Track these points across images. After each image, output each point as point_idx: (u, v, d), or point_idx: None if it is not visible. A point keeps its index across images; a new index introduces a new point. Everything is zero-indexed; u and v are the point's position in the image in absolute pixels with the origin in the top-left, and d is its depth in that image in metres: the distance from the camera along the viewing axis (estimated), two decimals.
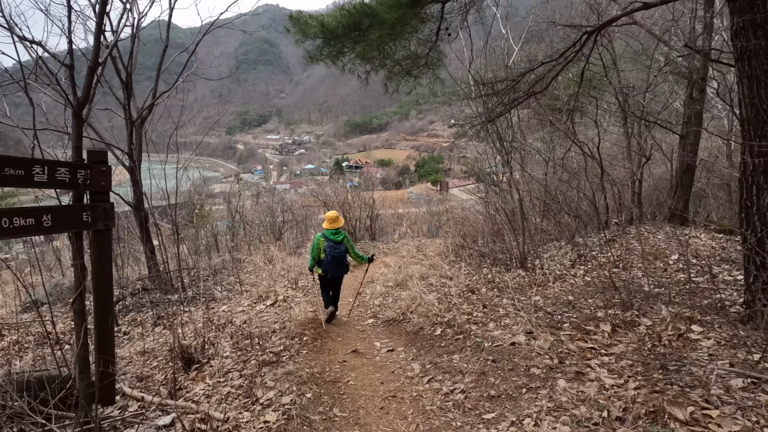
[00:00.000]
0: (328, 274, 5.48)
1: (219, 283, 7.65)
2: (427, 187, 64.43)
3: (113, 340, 2.87)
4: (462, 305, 5.08)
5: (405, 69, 6.48)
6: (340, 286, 5.93)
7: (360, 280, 8.25)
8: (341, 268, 5.52)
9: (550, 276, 6.60)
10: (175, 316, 5.98)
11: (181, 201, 12.39)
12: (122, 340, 5.37)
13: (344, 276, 5.85)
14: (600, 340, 3.78)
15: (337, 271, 5.51)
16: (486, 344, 3.74)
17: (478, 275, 7.11)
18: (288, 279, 7.53)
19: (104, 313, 2.78)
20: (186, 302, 6.54)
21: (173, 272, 7.28)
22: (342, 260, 5.46)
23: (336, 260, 5.40)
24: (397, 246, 14.18)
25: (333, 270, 5.45)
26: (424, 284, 6.56)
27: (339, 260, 5.42)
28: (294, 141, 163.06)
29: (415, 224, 18.74)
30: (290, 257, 9.53)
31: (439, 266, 7.89)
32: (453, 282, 6.61)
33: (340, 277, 5.72)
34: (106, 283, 2.79)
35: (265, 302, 6.48)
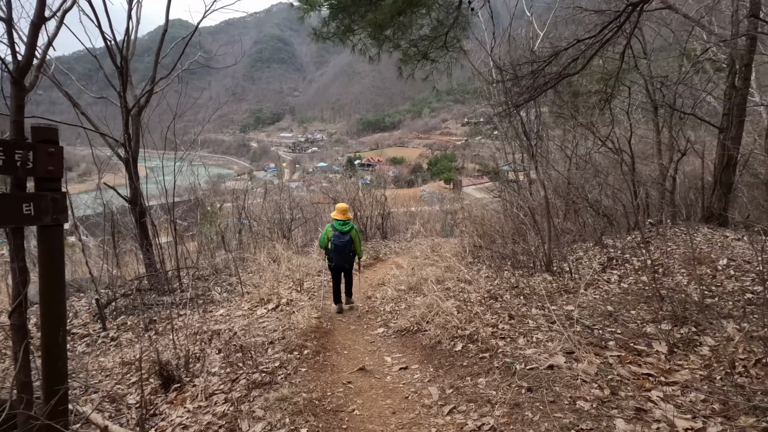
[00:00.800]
0: (332, 263, 5.81)
1: (220, 283, 7.16)
2: (440, 186, 63.63)
3: (65, 360, 2.34)
4: (485, 315, 4.47)
5: (421, 51, 5.88)
6: (351, 277, 6.14)
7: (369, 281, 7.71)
8: (344, 259, 5.72)
9: (580, 281, 5.93)
10: (168, 321, 5.50)
11: (189, 198, 12.03)
12: (108, 346, 4.90)
13: (351, 270, 6.06)
14: (656, 363, 3.14)
15: (340, 261, 5.73)
16: (518, 366, 3.13)
17: (500, 279, 6.48)
18: (293, 280, 7.01)
19: (53, 327, 2.25)
20: (182, 305, 6.06)
21: (171, 272, 6.82)
22: (345, 250, 5.66)
23: (339, 249, 5.62)
24: (409, 245, 13.59)
25: (336, 260, 5.72)
26: (441, 289, 5.96)
27: (342, 250, 5.63)
28: (307, 139, 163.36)
29: (428, 223, 18.10)
30: (297, 256, 9.01)
31: (455, 268, 7.27)
32: (472, 287, 5.99)
33: (344, 267, 5.88)
34: (56, 288, 2.27)
35: (267, 306, 5.96)
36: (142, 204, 6.88)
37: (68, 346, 4.86)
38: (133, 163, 6.72)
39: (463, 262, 8.12)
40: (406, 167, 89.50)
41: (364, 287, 7.38)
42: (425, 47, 5.76)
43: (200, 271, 7.58)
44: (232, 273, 7.65)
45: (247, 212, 10.59)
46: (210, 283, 6.69)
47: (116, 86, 6.55)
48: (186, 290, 6.69)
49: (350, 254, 5.75)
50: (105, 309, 5.65)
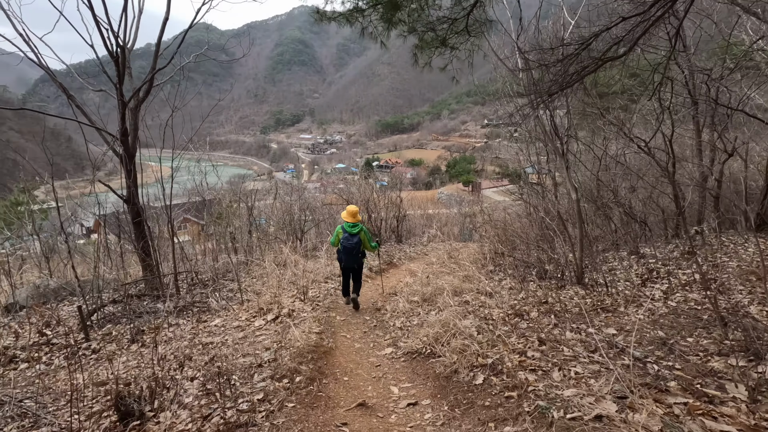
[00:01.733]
0: (341, 263, 5.94)
1: (220, 289, 6.69)
2: (458, 188, 62.62)
3: None
4: (510, 338, 3.81)
5: (439, 37, 5.26)
6: (359, 276, 6.22)
7: (380, 289, 7.11)
8: (353, 259, 5.83)
9: (618, 297, 5.19)
10: (157, 331, 5.02)
11: (203, 198, 11.70)
12: (88, 360, 4.45)
13: (361, 270, 6.18)
14: (736, 416, 2.43)
15: (349, 262, 5.84)
16: (555, 413, 2.48)
17: (525, 292, 5.78)
18: (297, 287, 6.47)
19: None
20: (176, 313, 5.59)
21: (168, 276, 6.38)
22: (353, 252, 5.77)
23: (347, 251, 5.75)
24: (425, 250, 12.94)
25: (346, 260, 5.83)
26: (458, 302, 5.31)
27: (350, 251, 5.75)
28: (326, 140, 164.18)
29: (445, 226, 17.41)
30: (305, 260, 8.50)
31: (475, 278, 6.60)
32: (494, 301, 5.32)
33: (352, 268, 5.97)
34: None
35: (266, 317, 5.43)
36: (139, 203, 6.47)
37: (46, 359, 4.44)
38: (129, 159, 6.32)
39: (483, 271, 7.44)
40: (424, 169, 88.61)
41: (374, 297, 6.78)
42: (444, 32, 5.15)
43: (202, 275, 7.14)
44: (234, 278, 7.17)
45: (257, 213, 10.14)
46: (209, 290, 6.22)
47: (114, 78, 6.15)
48: (184, 296, 6.24)
49: (358, 255, 5.87)
50: (93, 316, 5.22)
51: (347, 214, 5.81)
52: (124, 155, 6.20)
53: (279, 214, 11.21)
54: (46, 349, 4.60)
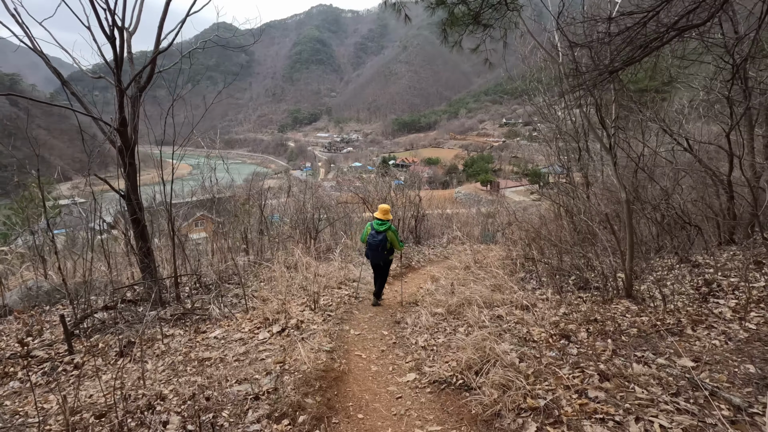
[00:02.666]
0: (368, 258, 6.07)
1: (225, 294, 6.13)
2: (476, 187, 61.44)
3: None
4: (561, 369, 3.10)
5: (472, 11, 4.55)
6: (385, 277, 6.29)
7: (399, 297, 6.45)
8: (378, 256, 5.90)
9: (680, 315, 4.41)
10: (150, 343, 4.47)
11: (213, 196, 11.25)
12: (69, 377, 3.91)
13: (387, 268, 6.25)
14: None
15: (374, 258, 5.95)
16: None
17: (566, 306, 5.04)
18: (308, 294, 5.86)
19: None
20: (172, 322, 5.04)
21: (168, 279, 5.85)
22: (378, 248, 5.83)
23: (372, 247, 5.85)
24: (445, 252, 12.22)
25: (371, 256, 5.96)
26: (490, 317, 4.60)
27: (375, 248, 5.83)
28: (342, 139, 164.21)
29: (465, 227, 16.60)
30: (317, 263, 7.89)
31: (506, 287, 5.87)
32: (532, 316, 4.59)
33: (378, 265, 6.09)
34: None
35: (272, 328, 4.83)
36: (139, 199, 5.96)
37: (21, 375, 3.92)
38: (128, 152, 5.81)
39: (513, 278, 6.70)
40: (441, 168, 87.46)
41: (392, 305, 6.12)
42: (477, 5, 4.44)
43: (206, 278, 6.60)
44: (241, 282, 6.61)
45: (270, 211, 9.60)
46: (211, 295, 5.66)
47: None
48: (184, 302, 5.70)
49: (383, 252, 5.89)
50: (83, 323, 4.71)
51: (379, 211, 5.96)
52: (122, 147, 5.69)
53: (291, 213, 10.67)
54: (26, 362, 4.09)
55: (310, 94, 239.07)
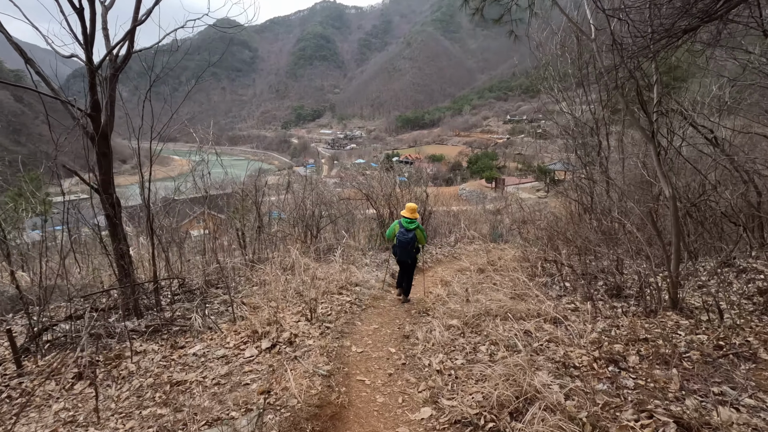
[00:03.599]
0: (396, 256, 6.07)
1: (211, 301, 5.46)
2: (480, 184, 60.59)
3: None
4: (623, 412, 2.40)
5: None
6: (411, 274, 6.30)
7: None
8: (406, 254, 5.93)
9: (744, 332, 3.70)
10: (116, 362, 3.81)
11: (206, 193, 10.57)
12: (13, 406, 3.25)
13: (414, 265, 6.29)
14: None
15: (403, 256, 5.96)
16: None
17: (602, 318, 4.33)
18: (305, 301, 5.18)
19: None
20: (147, 335, 4.38)
21: (148, 285, 5.19)
22: (408, 246, 5.86)
23: (402, 245, 5.86)
24: (454, 251, 11.51)
25: (400, 254, 5.96)
26: (516, 332, 3.91)
27: (405, 245, 5.85)
28: (346, 136, 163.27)
29: (474, 224, 15.87)
30: (316, 264, 7.22)
31: (529, 295, 5.17)
32: (565, 332, 3.90)
33: (405, 262, 6.08)
34: None
35: (261, 343, 4.16)
36: (114, 194, 5.30)
37: None
38: (103, 140, 5.14)
39: (534, 283, 5.99)
40: (445, 165, 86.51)
41: (399, 315, 5.43)
42: None
43: (192, 282, 5.93)
44: (232, 286, 5.94)
45: (268, 208, 8.92)
46: (195, 303, 4.98)
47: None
48: (165, 311, 5.04)
49: (413, 250, 5.95)
50: (39, 338, 4.05)
51: (406, 210, 5.99)
52: (94, 135, 5.01)
53: (290, 210, 9.99)
54: None
55: (314, 91, 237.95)
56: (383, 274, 7.49)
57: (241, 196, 9.55)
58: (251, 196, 9.55)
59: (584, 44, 9.58)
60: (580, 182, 9.80)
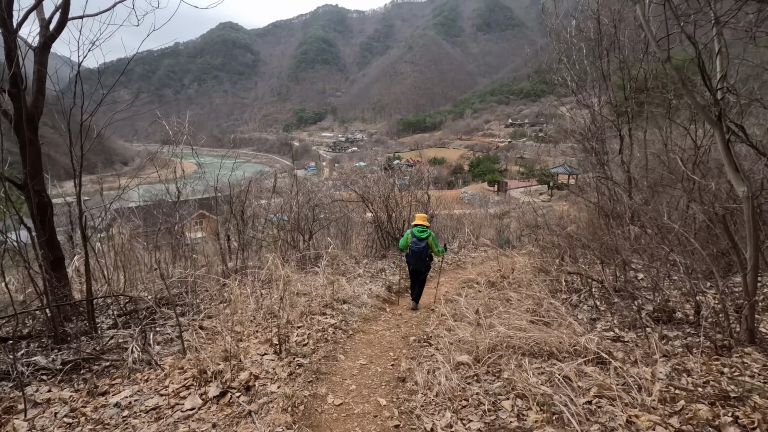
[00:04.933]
0: (410, 266, 6.03)
1: (162, 324, 4.43)
2: (482, 188, 59.67)
3: None
4: None
5: None
6: (423, 283, 6.17)
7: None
8: (420, 263, 5.89)
9: None
10: (5, 419, 2.79)
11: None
12: None
13: (426, 274, 6.13)
14: None
15: (416, 265, 5.92)
16: None
17: (659, 355, 3.28)
18: (276, 325, 4.13)
19: None
20: (63, 373, 3.35)
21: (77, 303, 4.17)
22: (421, 255, 5.83)
23: (415, 254, 5.84)
24: (457, 258, 10.48)
25: (413, 263, 5.93)
26: (550, 379, 2.87)
27: (418, 255, 5.83)
28: (347, 139, 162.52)
29: (478, 229, 14.82)
30: (299, 275, 6.19)
31: (553, 317, 4.14)
32: (616, 378, 2.86)
33: (419, 271, 6.01)
34: None
35: (208, 388, 3.12)
36: (44, 191, 4.30)
37: None
38: (29, 124, 4.14)
39: (557, 299, 4.95)
40: (446, 168, 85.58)
41: (394, 341, 4.39)
42: None
43: (144, 298, 4.89)
44: (189, 303, 4.91)
45: (243, 213, 7.87)
46: (138, 328, 3.94)
47: None
48: (101, 337, 4.01)
49: (426, 259, 5.93)
50: None
51: (418, 219, 6.03)
52: (14, 117, 4.01)
53: (277, 212, 8.96)
54: None
55: (316, 94, 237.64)
56: (378, 287, 6.46)
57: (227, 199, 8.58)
58: (237, 199, 8.54)
59: (605, 29, 8.63)
60: (600, 183, 8.76)
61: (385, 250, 9.78)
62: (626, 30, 8.38)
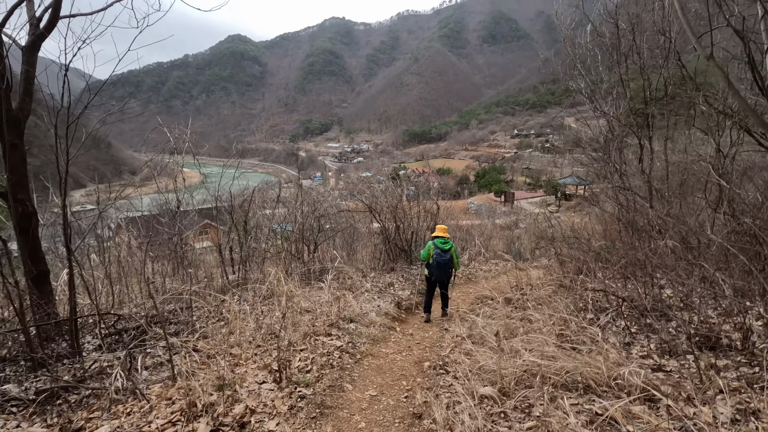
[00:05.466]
0: (432, 277, 6.03)
1: (154, 345, 4.06)
2: (489, 198, 59.21)
3: None
4: None
5: None
6: (447, 292, 6.19)
7: None
8: (444, 274, 5.97)
9: None
10: None
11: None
12: None
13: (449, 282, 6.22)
14: None
15: (440, 276, 5.97)
16: None
17: (713, 392, 2.85)
18: (277, 348, 3.75)
19: None
20: (36, 404, 2.97)
21: (69, 320, 3.82)
22: (446, 267, 5.94)
23: (440, 266, 5.91)
24: (468, 272, 10.07)
25: (437, 274, 5.96)
26: (591, 420, 2.45)
27: (443, 266, 5.91)
28: (353, 149, 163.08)
29: (489, 240, 14.38)
30: (303, 290, 5.81)
31: (584, 341, 3.72)
32: (671, 422, 2.43)
33: (443, 282, 6.08)
34: None
35: (198, 423, 2.73)
36: (31, 200, 3.99)
37: None
38: (13, 127, 3.85)
39: (583, 319, 4.54)
40: (452, 178, 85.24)
41: (405, 366, 3.98)
42: None
43: (136, 315, 4.53)
44: (184, 321, 4.55)
45: (245, 224, 7.53)
46: (123, 353, 3.57)
47: None
48: (85, 361, 3.64)
49: (450, 270, 6.03)
50: None
51: (439, 231, 6.12)
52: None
53: (281, 222, 8.62)
54: None
55: (322, 105, 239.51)
56: (387, 303, 6.05)
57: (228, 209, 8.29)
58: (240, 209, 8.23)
59: (622, 32, 8.32)
60: (620, 193, 8.36)
61: (393, 262, 9.38)
62: (644, 35, 8.06)
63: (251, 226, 8.39)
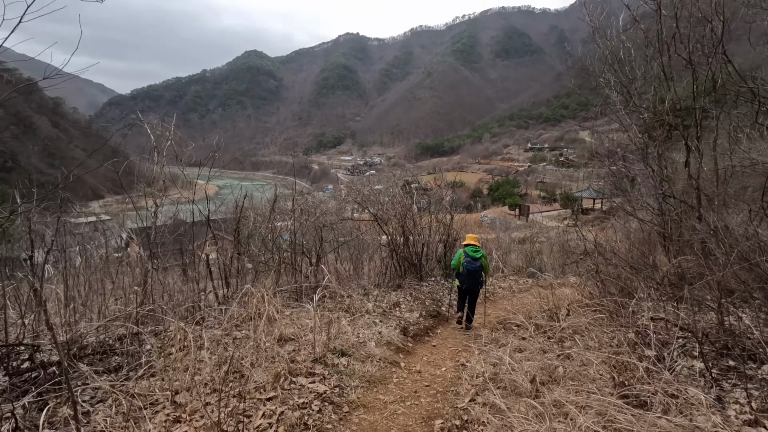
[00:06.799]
0: (463, 285, 6.07)
1: (83, 386, 3.11)
2: (503, 211, 57.80)
3: None
4: None
5: None
6: (476, 300, 6.26)
7: None
8: (475, 283, 6.04)
9: None
10: None
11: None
12: None
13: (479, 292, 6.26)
14: None
15: (471, 284, 6.04)
16: None
17: None
18: (238, 394, 2.76)
19: None
20: None
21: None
22: (476, 275, 6.00)
23: (471, 274, 5.95)
24: (486, 288, 8.93)
25: (468, 282, 6.01)
26: None
27: (474, 274, 5.96)
28: (365, 162, 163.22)
29: (507, 254, 13.26)
30: (291, 311, 4.82)
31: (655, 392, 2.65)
32: None
33: (473, 290, 6.13)
34: None
35: None
36: None
37: None
38: None
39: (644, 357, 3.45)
40: (465, 191, 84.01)
41: (409, 424, 2.96)
42: None
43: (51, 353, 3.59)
44: (130, 353, 3.60)
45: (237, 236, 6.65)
46: (16, 405, 2.63)
47: None
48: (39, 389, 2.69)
49: (480, 278, 6.06)
50: None
51: (469, 239, 6.20)
52: None
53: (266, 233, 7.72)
54: None
55: (335, 118, 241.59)
56: (390, 329, 5.02)
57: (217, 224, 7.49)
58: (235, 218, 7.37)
59: (664, 19, 7.32)
60: (664, 202, 7.26)
61: (400, 278, 8.35)
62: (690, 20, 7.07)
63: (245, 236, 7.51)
